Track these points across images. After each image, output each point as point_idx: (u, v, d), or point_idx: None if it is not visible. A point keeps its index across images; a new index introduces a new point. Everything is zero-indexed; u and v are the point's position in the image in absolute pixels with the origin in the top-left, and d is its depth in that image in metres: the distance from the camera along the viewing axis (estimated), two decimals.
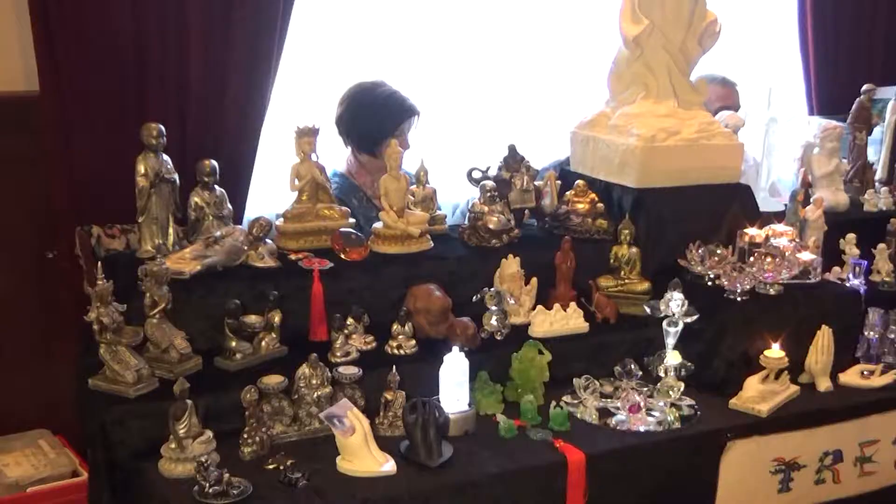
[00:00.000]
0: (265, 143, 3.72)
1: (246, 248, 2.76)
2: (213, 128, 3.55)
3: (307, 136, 2.93)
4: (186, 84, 3.48)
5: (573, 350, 2.88)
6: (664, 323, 2.88)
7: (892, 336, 3.16)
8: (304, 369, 2.46)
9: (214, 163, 2.83)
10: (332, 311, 2.71)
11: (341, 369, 2.51)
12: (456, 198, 4.15)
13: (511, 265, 2.95)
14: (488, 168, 3.23)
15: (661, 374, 2.84)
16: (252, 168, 3.71)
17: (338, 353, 2.63)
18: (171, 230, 2.83)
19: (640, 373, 2.84)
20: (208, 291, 2.66)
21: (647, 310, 2.92)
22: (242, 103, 3.59)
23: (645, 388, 2.79)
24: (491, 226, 3.04)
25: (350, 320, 2.71)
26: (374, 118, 3.64)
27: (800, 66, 5.01)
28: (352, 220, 3.03)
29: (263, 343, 2.62)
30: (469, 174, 3.23)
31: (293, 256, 2.86)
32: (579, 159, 3.43)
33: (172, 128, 3.34)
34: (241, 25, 3.49)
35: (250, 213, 3.72)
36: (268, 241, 2.85)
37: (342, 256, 2.87)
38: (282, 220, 2.97)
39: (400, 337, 2.72)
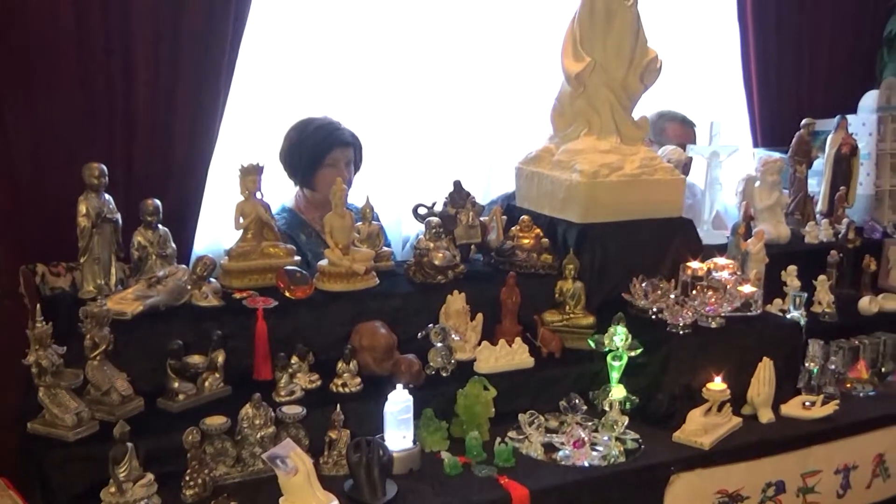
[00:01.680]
0: (214, 180, 3.76)
1: (189, 287, 2.75)
2: (159, 165, 3.55)
3: (251, 175, 2.94)
4: (133, 121, 3.48)
5: (519, 385, 2.90)
6: (608, 357, 2.91)
7: (833, 367, 3.22)
8: (248, 409, 2.45)
9: (157, 202, 2.82)
10: (277, 350, 2.71)
11: (285, 409, 2.50)
12: (407, 230, 4.19)
13: (456, 301, 2.97)
14: (434, 204, 3.25)
15: (606, 408, 2.85)
16: (200, 205, 3.70)
17: (282, 393, 2.62)
18: (113, 270, 2.80)
19: (585, 407, 2.86)
20: (151, 332, 2.64)
21: (592, 344, 2.94)
22: (189, 140, 3.59)
23: (590, 423, 2.81)
24: (436, 262, 3.05)
25: (295, 359, 2.71)
26: (304, 149, 3.70)
27: (744, 100, 5.12)
28: (297, 258, 3.03)
29: (207, 383, 2.61)
30: (415, 210, 3.24)
31: (237, 295, 2.85)
32: (524, 195, 3.47)
33: (119, 165, 3.36)
34: (189, 62, 3.50)
35: (199, 250, 3.73)
36: (212, 280, 2.84)
37: (287, 294, 2.86)
38: (226, 258, 2.96)
39: (345, 375, 2.72)
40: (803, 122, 3.94)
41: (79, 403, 2.39)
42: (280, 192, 3.90)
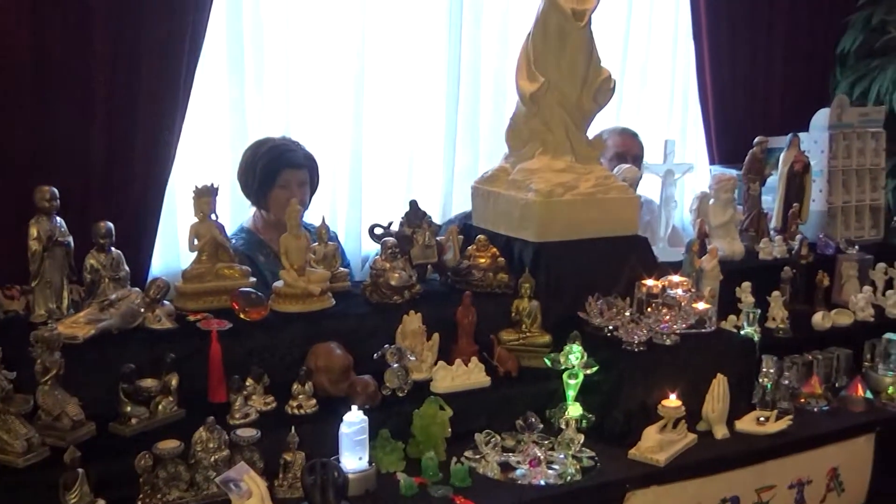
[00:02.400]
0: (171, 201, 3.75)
1: (143, 310, 2.73)
2: (115, 186, 3.54)
3: (206, 196, 2.93)
4: (89, 141, 3.46)
5: (475, 405, 2.90)
6: (564, 375, 2.93)
7: (787, 382, 3.25)
8: (201, 433, 2.44)
9: (110, 224, 2.80)
10: (232, 372, 2.69)
11: (239, 431, 2.49)
12: (367, 249, 4.19)
13: (413, 321, 2.97)
14: (390, 224, 3.25)
15: (563, 426, 2.87)
16: (157, 227, 3.69)
17: (237, 415, 2.61)
18: (65, 293, 2.78)
19: (542, 426, 2.86)
20: (103, 356, 2.62)
21: (548, 363, 2.96)
22: (146, 161, 3.58)
23: (546, 441, 2.82)
24: (392, 282, 3.05)
25: (249, 381, 2.69)
26: (256, 170, 3.70)
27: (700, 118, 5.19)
28: (252, 280, 3.02)
29: (160, 407, 2.59)
30: (371, 230, 3.25)
31: (192, 318, 2.84)
32: (480, 214, 3.49)
33: (74, 186, 3.34)
34: (145, 81, 3.51)
35: (157, 272, 3.72)
36: (166, 302, 2.83)
37: (242, 316, 2.85)
38: (181, 280, 2.95)
39: (300, 396, 2.71)
40: (756, 140, 3.99)
41: (29, 429, 2.36)
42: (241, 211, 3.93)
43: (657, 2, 5.06)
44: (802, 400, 3.32)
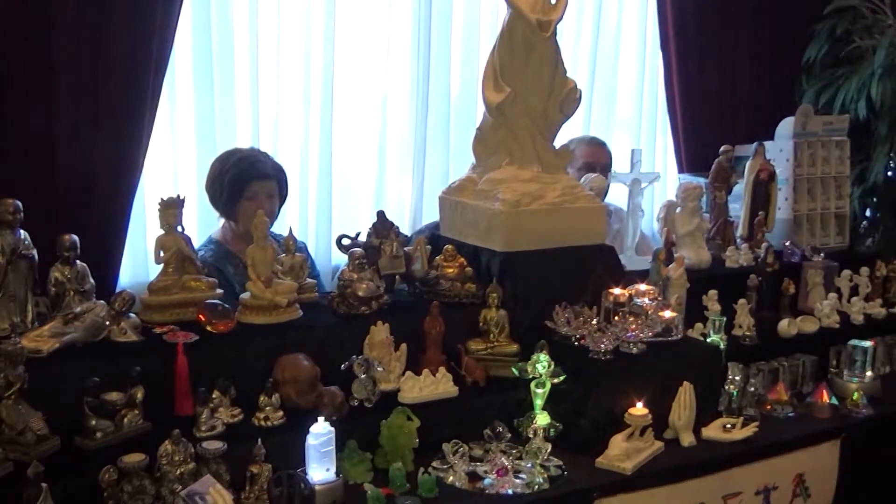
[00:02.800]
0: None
1: (108, 323, 2.72)
2: (81, 198, 3.52)
3: (172, 208, 2.92)
4: (54, 153, 3.45)
5: (443, 414, 2.90)
6: (532, 384, 2.94)
7: (753, 389, 3.28)
8: (167, 446, 2.43)
9: (74, 237, 2.78)
10: (199, 385, 2.67)
11: (205, 444, 2.48)
12: (337, 259, 4.19)
13: (380, 332, 2.97)
14: (358, 235, 3.26)
15: (531, 435, 2.88)
16: (124, 239, 3.68)
17: (203, 428, 2.60)
18: (30, 307, 2.76)
19: (510, 435, 2.87)
20: (67, 369, 2.60)
21: (516, 372, 2.97)
22: (113, 172, 3.57)
23: (514, 450, 2.83)
24: (360, 293, 3.06)
25: (216, 393, 2.68)
26: (223, 181, 3.69)
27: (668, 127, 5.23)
28: (219, 291, 3.02)
29: (125, 420, 2.57)
30: (338, 241, 3.25)
31: (158, 330, 2.82)
32: (448, 224, 3.50)
33: (40, 197, 3.32)
34: (112, 91, 3.50)
35: (125, 285, 3.71)
36: (131, 315, 2.81)
37: (208, 328, 2.85)
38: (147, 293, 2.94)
39: (267, 408, 2.70)
40: (721, 149, 4.03)
41: None
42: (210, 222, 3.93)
43: (625, 13, 5.10)
44: (768, 407, 3.35)
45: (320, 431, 2.54)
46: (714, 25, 5.13)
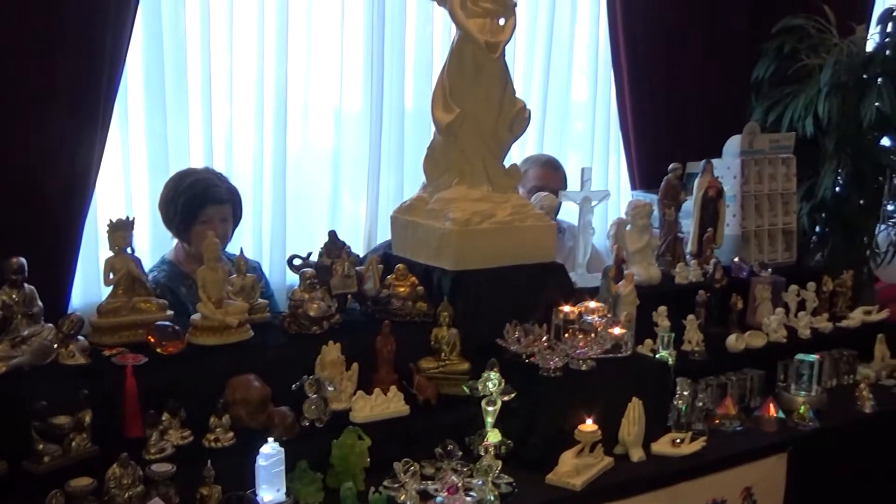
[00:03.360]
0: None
1: (56, 346, 2.71)
2: (32, 222, 3.50)
3: (121, 230, 2.92)
4: (4, 171, 3.43)
5: (394, 433, 2.92)
6: (483, 402, 2.96)
7: (701, 404, 3.32)
8: (115, 469, 2.43)
9: (22, 260, 2.76)
10: (149, 407, 2.67)
11: (154, 467, 2.48)
12: (292, 278, 4.19)
13: (331, 351, 2.98)
14: (309, 255, 3.27)
15: (482, 452, 2.89)
16: (75, 260, 3.66)
17: (152, 450, 2.60)
18: None
19: (461, 453, 2.88)
20: (15, 393, 2.59)
21: (467, 390, 2.99)
22: (65, 193, 3.55)
23: (465, 468, 2.84)
24: (311, 313, 3.07)
25: (165, 415, 2.68)
26: (178, 204, 3.68)
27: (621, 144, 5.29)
28: (170, 313, 3.01)
29: (74, 444, 2.56)
30: (290, 261, 3.26)
31: (107, 352, 2.82)
32: (400, 243, 3.52)
33: None
34: (64, 110, 3.48)
35: (77, 307, 3.69)
36: (80, 337, 2.81)
37: (158, 350, 2.85)
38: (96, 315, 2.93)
39: (217, 429, 2.71)
40: (670, 167, 4.09)
41: None
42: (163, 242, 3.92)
43: (577, 32, 5.16)
44: (717, 421, 3.40)
45: (270, 452, 2.55)
46: (664, 44, 5.19)
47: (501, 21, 3.27)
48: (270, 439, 2.57)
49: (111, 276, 2.93)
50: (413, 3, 4.47)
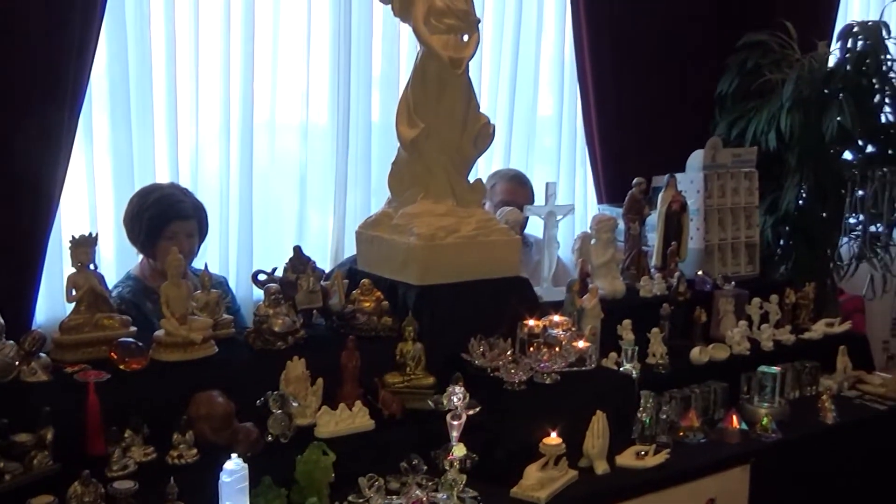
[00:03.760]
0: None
1: (17, 363, 2.70)
2: None
3: (83, 246, 2.91)
4: None
5: (359, 448, 2.92)
6: (448, 416, 2.97)
7: (665, 416, 3.35)
8: (76, 487, 2.42)
9: None
10: (113, 424, 2.66)
11: (116, 484, 2.47)
12: (259, 293, 4.18)
13: (296, 367, 2.98)
14: (274, 270, 3.27)
15: (447, 467, 2.90)
16: (39, 277, 3.64)
17: (115, 467, 2.59)
18: None
19: (426, 467, 2.90)
20: None
21: (431, 404, 3.00)
22: (28, 210, 3.54)
23: (430, 483, 2.85)
24: (276, 328, 3.07)
25: (128, 432, 2.67)
26: (143, 220, 3.68)
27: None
28: (133, 329, 3.01)
29: (35, 461, 2.54)
30: (254, 277, 3.26)
31: (69, 369, 2.80)
32: (365, 258, 3.53)
33: None
34: (27, 125, 3.47)
35: (40, 323, 3.67)
36: (42, 354, 2.79)
37: (121, 367, 2.84)
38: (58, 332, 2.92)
39: (181, 446, 2.70)
40: (634, 181, 4.13)
41: None
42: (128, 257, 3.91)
43: (543, 46, 5.20)
44: (681, 433, 3.42)
45: (233, 468, 2.54)
46: (629, 60, 5.24)
47: (465, 37, 3.30)
48: (234, 455, 2.57)
49: (74, 292, 2.92)
50: (379, 16, 4.49)
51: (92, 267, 2.95)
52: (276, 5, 4.31)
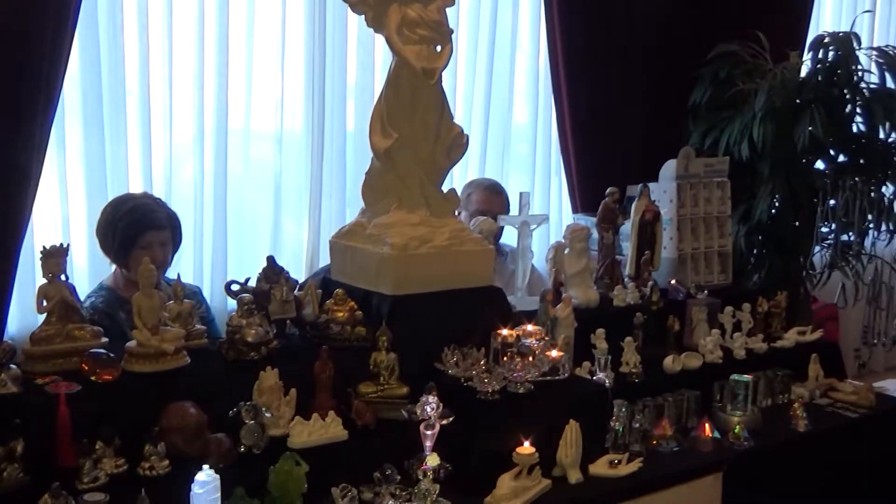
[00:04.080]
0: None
1: None
2: None
3: (54, 257, 2.90)
4: None
5: (333, 459, 2.91)
6: (421, 426, 2.97)
7: (638, 425, 3.36)
8: (47, 499, 2.41)
9: None
10: (84, 436, 2.65)
11: (86, 496, 2.47)
12: (234, 302, 4.17)
13: (269, 377, 2.97)
14: (247, 280, 3.27)
15: (420, 476, 2.90)
16: (10, 288, 3.62)
17: (85, 479, 2.57)
18: None
19: (399, 477, 2.89)
20: None
21: (405, 414, 3.00)
22: (1, 216, 3.52)
23: (404, 492, 2.85)
24: (249, 338, 3.06)
25: (99, 444, 2.66)
26: (116, 230, 3.67)
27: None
28: (104, 340, 2.99)
29: (5, 474, 2.53)
30: (227, 287, 3.26)
31: (40, 381, 2.79)
32: (339, 268, 3.53)
33: None
34: (2, 129, 3.46)
35: (12, 334, 3.65)
36: (12, 366, 2.77)
37: (93, 378, 2.82)
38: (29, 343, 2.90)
39: (152, 457, 2.69)
40: (608, 191, 4.15)
41: None
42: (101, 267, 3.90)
43: (518, 56, 5.23)
44: (654, 442, 3.44)
45: (205, 480, 2.53)
46: (604, 68, 5.27)
47: (438, 48, 3.31)
48: (206, 466, 2.56)
49: (45, 303, 2.90)
50: (354, 24, 4.49)
51: (63, 278, 2.94)
52: (251, 13, 4.31)
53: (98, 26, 3.91)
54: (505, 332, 3.26)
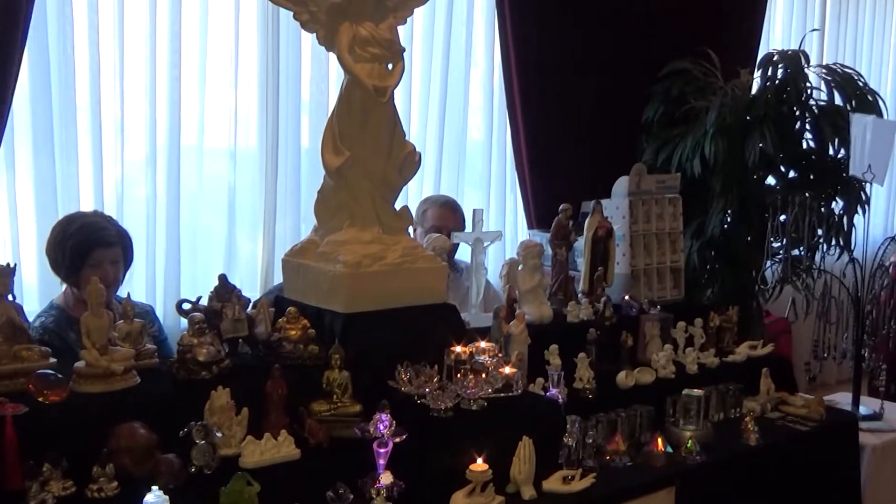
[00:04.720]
0: None
1: None
2: None
3: (1, 277, 2.86)
4: None
5: (285, 478, 2.89)
6: (374, 444, 2.97)
7: (590, 441, 3.37)
8: None
9: None
10: (32, 458, 2.61)
11: None
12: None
13: (220, 397, 2.95)
14: (199, 299, 3.24)
15: (374, 495, 2.90)
16: None
17: (32, 502, 2.54)
18: None
19: (352, 496, 2.88)
20: None
21: (358, 432, 2.99)
22: None
23: None
24: (200, 358, 3.04)
25: (46, 465, 2.62)
26: (66, 248, 3.64)
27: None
28: (52, 361, 2.95)
29: None
30: (178, 306, 3.23)
31: None
32: (291, 286, 3.52)
33: None
34: None
35: None
36: None
37: (40, 399, 2.78)
38: None
39: (101, 479, 2.65)
40: (560, 207, 4.17)
41: None
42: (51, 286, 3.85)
43: (472, 73, 5.26)
44: (607, 457, 3.45)
45: (153, 501, 2.51)
46: (558, 86, 5.33)
47: (390, 66, 3.31)
48: (155, 487, 2.53)
49: None
50: (308, 40, 4.49)
51: (10, 297, 2.90)
52: (203, 29, 4.31)
53: (48, 41, 3.89)
54: (458, 348, 3.26)
